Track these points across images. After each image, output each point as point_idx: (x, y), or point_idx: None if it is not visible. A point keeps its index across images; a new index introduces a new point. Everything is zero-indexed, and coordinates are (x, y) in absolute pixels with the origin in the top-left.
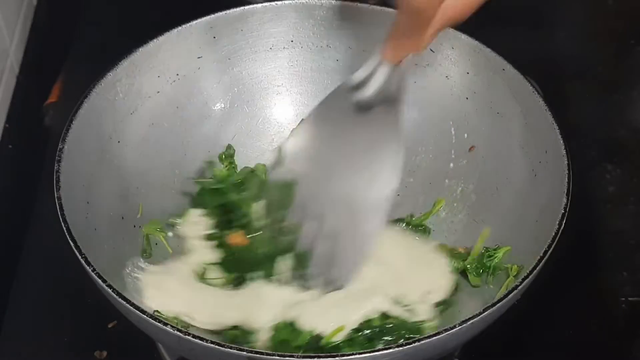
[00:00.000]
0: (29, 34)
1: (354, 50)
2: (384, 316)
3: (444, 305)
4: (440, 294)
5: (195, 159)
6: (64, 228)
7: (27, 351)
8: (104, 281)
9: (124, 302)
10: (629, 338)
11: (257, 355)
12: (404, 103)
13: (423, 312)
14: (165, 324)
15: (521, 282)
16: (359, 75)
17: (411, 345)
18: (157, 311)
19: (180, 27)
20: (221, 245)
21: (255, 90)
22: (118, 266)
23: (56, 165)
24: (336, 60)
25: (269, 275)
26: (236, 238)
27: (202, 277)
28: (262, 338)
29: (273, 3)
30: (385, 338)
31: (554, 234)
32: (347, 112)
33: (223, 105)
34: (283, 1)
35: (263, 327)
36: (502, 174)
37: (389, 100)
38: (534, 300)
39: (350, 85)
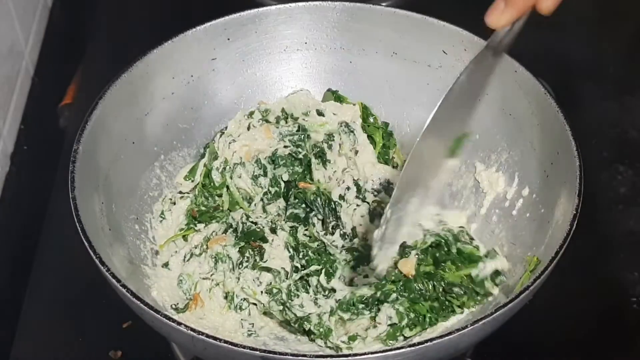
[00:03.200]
0: (44, 36)
1: (367, 51)
2: None
3: None
4: None
5: None
6: (79, 228)
7: (42, 351)
8: (118, 281)
9: (138, 302)
10: None
11: (271, 354)
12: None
13: None
14: (179, 324)
15: (533, 283)
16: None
17: (423, 345)
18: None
19: (194, 29)
20: None
21: (269, 91)
22: (132, 266)
23: (71, 166)
24: (349, 62)
25: None
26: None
27: None
28: None
29: (287, 5)
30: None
31: (565, 234)
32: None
33: (237, 107)
34: (297, 3)
35: None
36: (514, 174)
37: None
38: (546, 300)
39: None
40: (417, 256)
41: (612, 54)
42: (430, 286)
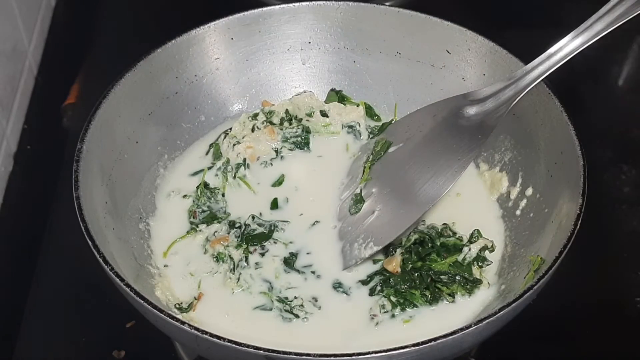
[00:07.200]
0: (47, 36)
1: (371, 51)
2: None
3: None
4: None
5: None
6: (83, 227)
7: (46, 351)
8: (122, 280)
9: (142, 302)
10: None
11: (275, 353)
12: (490, 135)
13: None
14: (183, 323)
15: (537, 282)
16: (484, 92)
17: (427, 345)
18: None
19: (198, 29)
20: None
21: (272, 90)
22: (136, 265)
23: (75, 165)
24: (353, 61)
25: None
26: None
27: None
28: None
29: (290, 5)
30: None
31: (569, 234)
32: (450, 118)
33: (241, 106)
34: (300, 3)
35: None
36: (517, 174)
37: (483, 126)
38: (549, 300)
39: (470, 98)
40: (401, 255)
41: (616, 53)
42: (417, 275)
